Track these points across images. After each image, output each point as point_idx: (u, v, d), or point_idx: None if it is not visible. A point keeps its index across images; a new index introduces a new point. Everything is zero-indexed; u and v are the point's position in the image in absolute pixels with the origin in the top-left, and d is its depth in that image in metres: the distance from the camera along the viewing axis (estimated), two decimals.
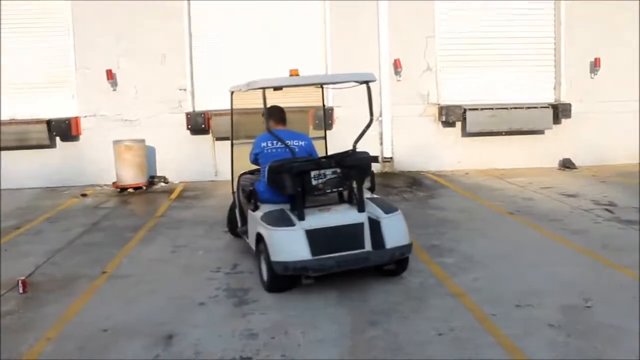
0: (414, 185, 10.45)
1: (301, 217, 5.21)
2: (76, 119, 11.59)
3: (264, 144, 5.82)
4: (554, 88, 12.67)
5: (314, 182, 5.30)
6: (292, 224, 5.17)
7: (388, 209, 5.55)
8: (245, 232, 6.17)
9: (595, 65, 12.42)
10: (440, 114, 11.78)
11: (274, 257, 5.09)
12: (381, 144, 11.69)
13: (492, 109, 11.75)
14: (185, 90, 11.67)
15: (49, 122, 11.44)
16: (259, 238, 5.42)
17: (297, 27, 11.89)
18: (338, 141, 11.36)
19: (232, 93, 6.84)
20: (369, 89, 5.68)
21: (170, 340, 4.42)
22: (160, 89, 11.56)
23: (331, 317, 4.74)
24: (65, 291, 5.57)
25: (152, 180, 11.56)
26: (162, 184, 11.57)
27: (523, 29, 12.43)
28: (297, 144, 5.78)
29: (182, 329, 4.61)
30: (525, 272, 5.67)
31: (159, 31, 11.50)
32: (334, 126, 11.50)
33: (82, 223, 8.39)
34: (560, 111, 12.16)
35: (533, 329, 4.38)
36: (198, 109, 11.74)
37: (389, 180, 10.90)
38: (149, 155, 11.50)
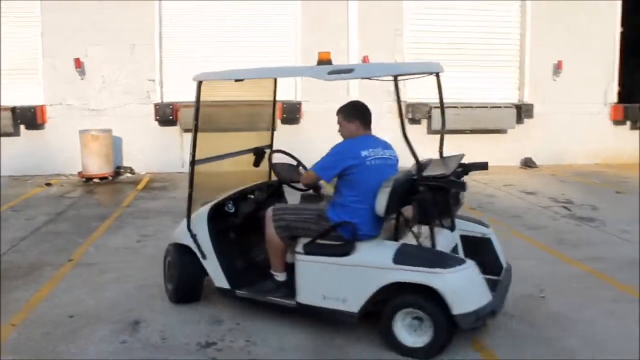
0: None
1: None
2: (42, 107, 11.49)
3: (364, 153, 4.20)
4: (518, 89, 13.00)
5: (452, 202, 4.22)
6: (461, 261, 3.98)
7: (476, 221, 4.85)
8: (278, 291, 4.45)
9: (557, 67, 12.77)
10: (406, 111, 11.98)
11: (462, 309, 3.77)
12: None
13: (457, 107, 11.99)
14: (154, 81, 11.66)
15: (13, 110, 11.32)
16: (394, 292, 3.95)
17: (268, 21, 11.98)
18: (305, 136, 11.60)
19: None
20: (438, 81, 4.70)
21: (137, 326, 4.50)
22: (129, 79, 11.54)
23: None
24: (30, 278, 5.59)
25: (118, 170, 11.54)
26: (129, 174, 11.56)
27: (489, 30, 12.72)
28: (392, 155, 4.45)
29: (149, 315, 4.69)
30: None
31: (129, 21, 11.47)
32: (302, 120, 11.62)
33: (47, 212, 8.37)
34: (523, 111, 12.49)
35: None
36: (166, 100, 11.74)
37: None
38: (116, 145, 11.46)
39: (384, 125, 11.83)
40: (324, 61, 4.18)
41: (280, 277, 4.48)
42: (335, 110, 4.55)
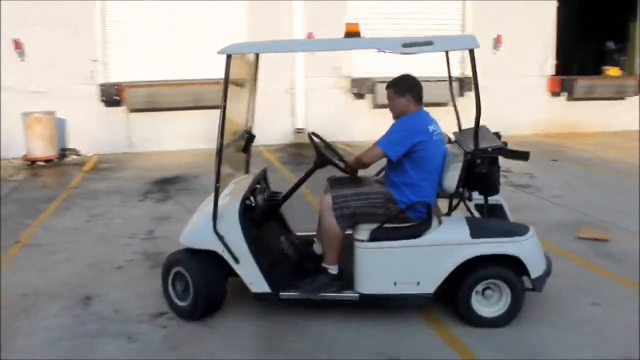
0: None
1: None
2: None
3: (431, 128, 4.12)
4: (460, 62, 13.34)
5: None
6: (527, 227, 4.13)
7: None
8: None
9: (497, 42, 13.16)
10: (351, 86, 12.21)
11: (537, 273, 4.02)
12: (294, 115, 12.01)
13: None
14: (97, 61, 11.54)
15: None
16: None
17: (214, 0, 11.96)
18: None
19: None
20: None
21: (89, 301, 4.63)
22: (72, 60, 11.38)
23: None
24: None
25: (63, 153, 11.43)
26: (74, 156, 11.47)
27: (432, 7, 12.98)
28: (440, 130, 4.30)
29: (101, 290, 4.82)
30: None
31: (70, 0, 11.29)
32: None
33: None
34: (464, 84, 12.84)
35: None
36: (111, 80, 11.65)
37: (302, 150, 11.26)
38: (60, 127, 11.35)
39: (330, 99, 12.19)
40: (352, 33, 3.96)
41: (334, 269, 4.13)
42: (278, 88, 4.69)
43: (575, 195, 7.78)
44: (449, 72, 4.61)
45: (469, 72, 12.84)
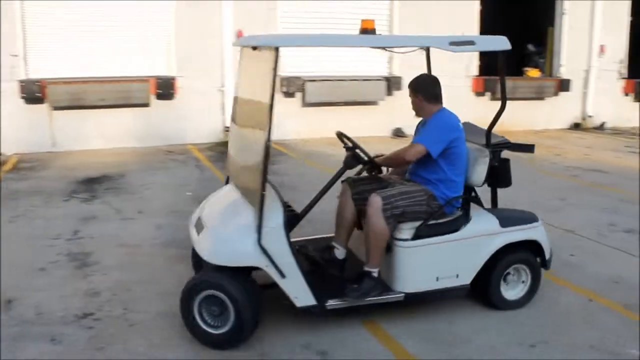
0: None
1: None
2: None
3: (460, 125, 4.28)
4: (388, 62, 13.59)
5: None
6: (534, 213, 4.60)
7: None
8: None
9: None
10: (281, 84, 12.24)
11: (549, 254, 4.54)
12: (224, 113, 11.93)
13: (331, 80, 12.43)
14: (17, 56, 11.14)
15: None
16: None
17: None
18: (180, 112, 11.60)
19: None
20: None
21: (10, 304, 4.49)
22: None
23: (172, 273, 5.04)
24: None
25: None
26: None
27: (359, 6, 13.14)
28: None
29: (22, 293, 4.69)
30: None
31: None
32: (176, 97, 11.58)
33: None
34: (392, 84, 13.10)
35: None
36: (33, 76, 11.27)
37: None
38: None
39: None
40: (368, 30, 3.96)
41: (377, 272, 4.05)
42: (209, 85, 4.64)
43: (502, 192, 8.04)
44: (429, 71, 5.12)
45: (397, 72, 13.25)
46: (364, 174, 4.52)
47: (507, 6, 16.78)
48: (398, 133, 13.21)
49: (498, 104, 4.37)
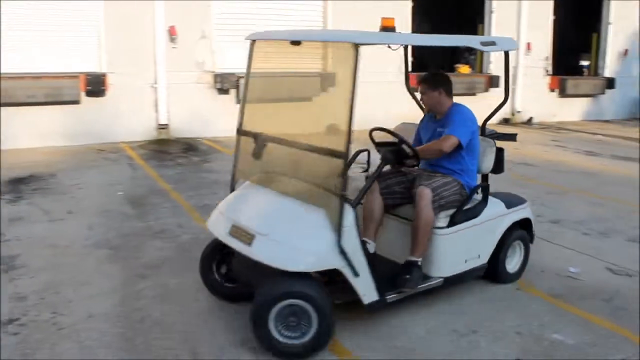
0: (189, 151, 10.72)
1: None
2: None
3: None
4: (322, 59, 13.62)
5: None
6: None
7: None
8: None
9: None
10: (215, 81, 12.12)
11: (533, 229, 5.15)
12: (157, 111, 11.73)
13: (265, 76, 12.35)
14: None
15: None
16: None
17: None
18: (112, 109, 11.32)
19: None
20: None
21: None
22: None
23: (104, 274, 4.93)
24: None
25: None
26: None
27: (294, 5, 13.15)
28: None
29: None
30: None
31: None
32: (108, 93, 11.28)
33: None
34: (326, 80, 13.17)
35: None
36: None
37: (165, 146, 11.04)
38: None
39: (194, 94, 12.03)
40: (388, 28, 4.06)
41: (421, 261, 4.18)
42: (141, 82, 4.57)
43: None
44: (406, 69, 5.66)
45: (331, 69, 13.30)
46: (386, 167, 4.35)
47: (440, 4, 17.13)
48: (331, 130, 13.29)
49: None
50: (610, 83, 17.72)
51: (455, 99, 4.67)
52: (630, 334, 4.02)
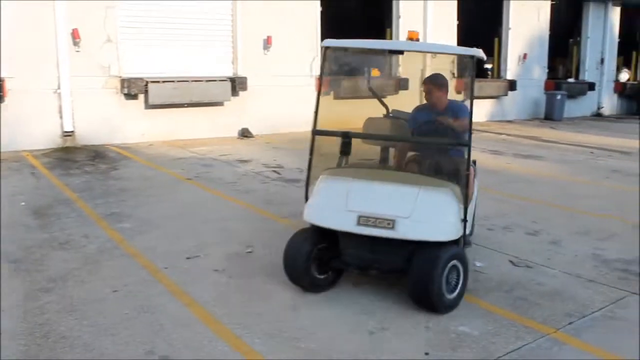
0: (96, 158, 10.40)
1: None
2: None
3: None
4: (232, 63, 13.58)
5: None
6: None
7: None
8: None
9: (267, 42, 13.63)
10: (122, 86, 11.82)
11: None
12: (61, 117, 11.31)
13: (174, 81, 12.19)
14: None
15: None
16: None
17: None
18: (11, 116, 10.81)
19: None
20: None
21: None
22: None
23: (5, 289, 4.70)
24: None
25: None
26: None
27: (203, 6, 13.02)
28: None
29: None
30: (197, 228, 6.26)
31: None
32: (6, 99, 10.76)
33: None
34: (237, 84, 13.11)
35: (200, 275, 4.95)
36: None
37: (71, 154, 10.67)
38: None
39: (100, 100, 11.68)
40: (413, 40, 4.92)
41: None
42: (44, 87, 4.46)
43: None
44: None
45: (242, 72, 13.27)
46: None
47: (348, 8, 17.41)
48: (245, 133, 13.26)
49: (342, 102, 4.78)
50: (512, 85, 18.60)
51: (366, 102, 5.52)
52: (530, 323, 4.23)
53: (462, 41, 17.01)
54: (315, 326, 4.15)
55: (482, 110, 18.12)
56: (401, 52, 5.28)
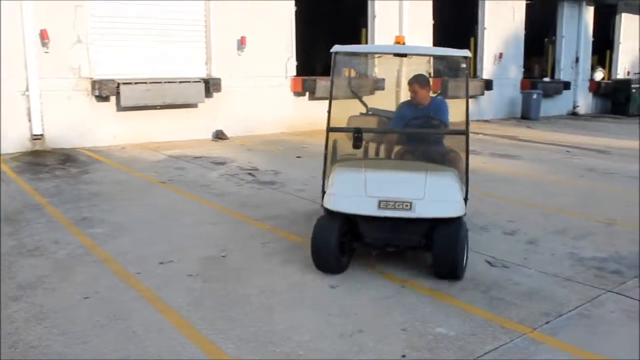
0: (67, 162, 10.26)
1: None
2: None
3: None
4: (206, 63, 13.52)
5: None
6: None
7: None
8: None
9: (241, 43, 13.59)
10: (93, 88, 11.69)
11: None
12: (30, 120, 11.14)
13: (146, 83, 12.09)
14: None
15: None
16: None
17: None
18: None
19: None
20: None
21: None
22: None
23: None
24: None
25: None
26: None
27: (176, 6, 12.94)
28: None
29: None
30: (171, 233, 6.22)
31: None
32: None
33: None
34: (211, 85, 13.05)
35: (173, 280, 4.92)
36: None
37: (40, 158, 10.53)
38: None
39: (70, 102, 11.54)
40: (400, 44, 5.83)
41: None
42: (12, 89, 4.41)
43: (318, 188, 8.35)
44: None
45: (216, 73, 13.22)
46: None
47: (323, 7, 17.44)
48: (220, 135, 13.20)
49: (316, 103, 4.88)
50: (488, 84, 18.77)
51: (342, 102, 5.74)
52: (507, 323, 4.27)
53: (437, 41, 17.14)
54: (291, 330, 4.14)
55: (458, 110, 18.22)
56: (404, 55, 5.94)
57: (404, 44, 5.73)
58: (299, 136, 13.57)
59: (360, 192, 5.03)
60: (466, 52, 5.53)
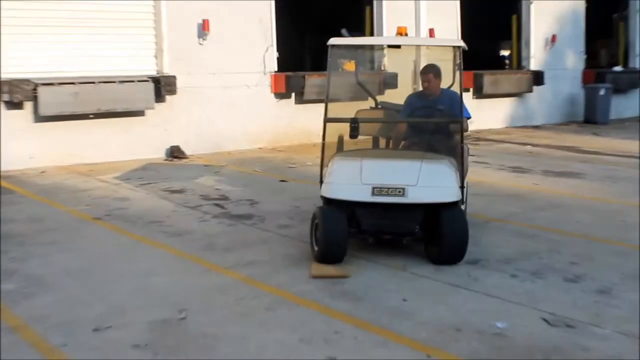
0: None
1: None
2: None
3: None
4: (155, 56, 13.53)
5: None
6: None
7: None
8: None
9: (204, 28, 13.58)
10: (1, 91, 11.66)
11: None
12: None
13: (74, 83, 12.09)
14: None
15: None
16: None
17: None
18: None
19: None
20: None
21: None
22: None
23: None
24: None
25: None
26: None
27: (119, 4, 13.01)
28: None
29: None
30: (109, 288, 6.16)
31: None
32: None
33: None
34: (163, 86, 13.02)
35: (112, 354, 4.85)
36: None
37: None
38: None
39: None
40: (402, 34, 8.16)
41: None
42: None
43: (306, 222, 8.32)
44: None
45: (169, 70, 13.23)
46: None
47: None
48: (176, 153, 13.17)
49: (306, 107, 4.95)
50: (537, 78, 18.72)
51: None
52: None
53: (465, 21, 17.20)
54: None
55: (498, 113, 18.29)
56: (398, 47, 8.11)
57: (406, 34, 7.85)
58: (282, 152, 13.60)
59: (355, 179, 6.66)
60: (460, 42, 7.36)
